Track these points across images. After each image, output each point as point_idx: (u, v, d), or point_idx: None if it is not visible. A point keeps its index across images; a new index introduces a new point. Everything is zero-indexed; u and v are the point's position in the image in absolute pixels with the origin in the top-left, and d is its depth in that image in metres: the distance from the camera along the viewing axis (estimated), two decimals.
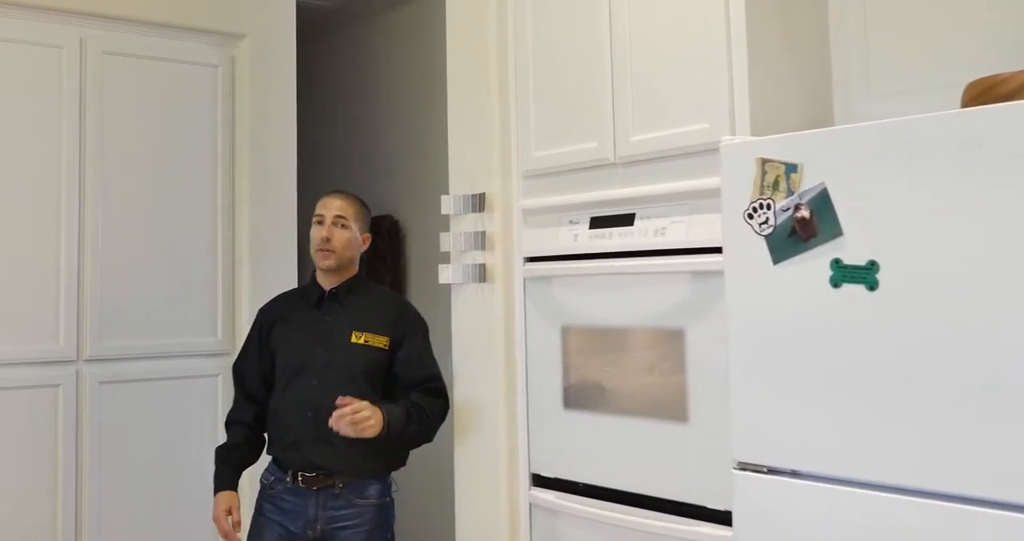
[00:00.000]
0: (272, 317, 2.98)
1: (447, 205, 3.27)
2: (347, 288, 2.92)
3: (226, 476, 2.90)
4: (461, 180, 3.28)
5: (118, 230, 3.94)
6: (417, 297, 4.83)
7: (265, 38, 4.34)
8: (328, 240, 2.87)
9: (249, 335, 3.03)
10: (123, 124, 3.98)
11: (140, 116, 4.03)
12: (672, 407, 2.58)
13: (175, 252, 4.08)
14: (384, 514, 2.84)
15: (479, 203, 3.17)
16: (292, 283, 4.14)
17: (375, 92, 5.23)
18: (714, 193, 2.35)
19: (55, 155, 3.82)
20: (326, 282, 2.93)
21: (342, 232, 2.89)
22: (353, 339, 2.83)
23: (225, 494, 2.87)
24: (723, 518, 2.41)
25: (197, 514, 4.00)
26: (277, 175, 4.32)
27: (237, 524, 2.85)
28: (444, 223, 3.38)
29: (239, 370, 3.02)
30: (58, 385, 3.77)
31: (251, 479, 3.07)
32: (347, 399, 2.65)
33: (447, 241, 3.27)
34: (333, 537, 2.77)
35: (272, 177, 4.30)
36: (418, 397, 2.83)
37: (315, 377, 2.80)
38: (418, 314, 3.00)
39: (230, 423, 2.98)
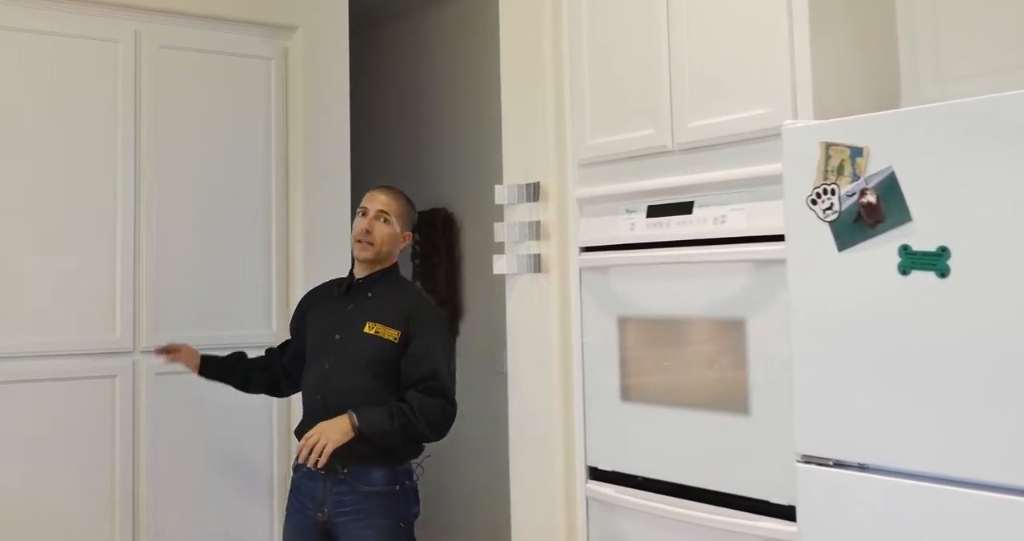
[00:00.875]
0: (309, 303, 3.14)
1: (501, 195, 3.23)
2: (374, 280, 2.97)
3: (215, 357, 3.19)
4: (515, 169, 3.25)
5: (173, 222, 3.96)
6: (472, 289, 4.81)
7: (317, 30, 4.34)
8: (368, 232, 2.94)
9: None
10: (177, 117, 4.00)
11: (194, 108, 4.05)
12: (733, 399, 2.52)
13: (229, 244, 4.10)
14: (392, 502, 2.81)
15: (534, 192, 3.14)
16: (345, 274, 4.14)
17: (428, 83, 5.21)
18: (775, 179, 2.29)
19: (111, 148, 3.85)
20: (359, 272, 3.01)
21: (383, 226, 2.95)
22: (366, 329, 2.87)
23: (194, 350, 3.18)
24: (786, 513, 2.35)
25: (253, 504, 4.02)
26: (330, 167, 4.32)
27: (165, 352, 3.19)
28: (498, 215, 3.34)
29: (282, 348, 3.22)
30: (115, 376, 3.80)
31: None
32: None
33: (501, 231, 3.24)
34: (337, 521, 2.79)
35: (325, 169, 4.30)
36: (412, 396, 2.78)
37: (327, 362, 2.90)
38: (437, 311, 3.00)
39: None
